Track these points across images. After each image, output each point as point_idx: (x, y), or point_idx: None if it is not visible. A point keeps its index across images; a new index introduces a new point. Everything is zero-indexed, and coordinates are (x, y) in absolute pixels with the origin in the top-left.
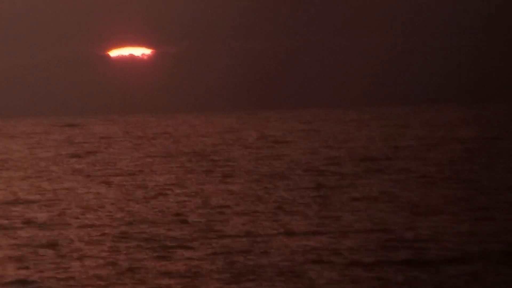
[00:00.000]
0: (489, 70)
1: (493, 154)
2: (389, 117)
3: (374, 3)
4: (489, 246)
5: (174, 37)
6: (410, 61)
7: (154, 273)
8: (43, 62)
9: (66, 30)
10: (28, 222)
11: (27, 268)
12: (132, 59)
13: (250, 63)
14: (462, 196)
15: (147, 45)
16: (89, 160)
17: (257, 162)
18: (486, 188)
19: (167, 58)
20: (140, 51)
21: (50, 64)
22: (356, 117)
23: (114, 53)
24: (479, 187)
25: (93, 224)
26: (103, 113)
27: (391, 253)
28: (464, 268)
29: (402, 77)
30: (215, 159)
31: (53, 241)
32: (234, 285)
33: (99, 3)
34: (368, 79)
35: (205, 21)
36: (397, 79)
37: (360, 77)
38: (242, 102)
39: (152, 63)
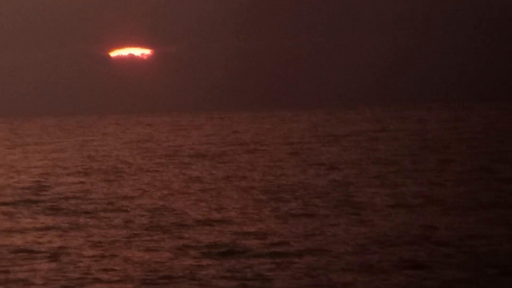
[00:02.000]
0: (491, 70)
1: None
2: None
3: (375, 3)
4: None
5: (174, 37)
6: (412, 61)
7: None
8: (43, 62)
9: (66, 30)
10: None
11: None
12: (132, 59)
13: (250, 63)
14: None
15: (147, 45)
16: None
17: None
18: None
19: (167, 58)
20: (140, 51)
21: (50, 64)
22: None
23: (113, 53)
24: None
25: None
26: (104, 114)
27: None
28: None
29: (403, 77)
30: None
31: None
32: None
33: (99, 3)
34: (369, 79)
35: (205, 21)
36: (398, 79)
37: (361, 77)
38: (242, 102)
39: (152, 63)
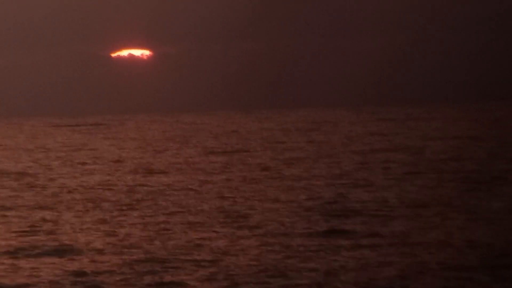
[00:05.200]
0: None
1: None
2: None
3: (375, 3)
4: None
5: (174, 38)
6: (412, 61)
7: None
8: (43, 62)
9: (66, 30)
10: None
11: None
12: (132, 59)
13: (249, 64)
14: None
15: (147, 46)
16: None
17: None
18: None
19: (167, 58)
20: (140, 52)
21: (50, 64)
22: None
23: (113, 53)
24: None
25: None
26: (104, 114)
27: None
28: None
29: (404, 77)
30: None
31: None
32: None
33: (99, 3)
34: (369, 79)
35: (205, 22)
36: (398, 78)
37: (361, 78)
38: (242, 102)
39: (152, 64)
